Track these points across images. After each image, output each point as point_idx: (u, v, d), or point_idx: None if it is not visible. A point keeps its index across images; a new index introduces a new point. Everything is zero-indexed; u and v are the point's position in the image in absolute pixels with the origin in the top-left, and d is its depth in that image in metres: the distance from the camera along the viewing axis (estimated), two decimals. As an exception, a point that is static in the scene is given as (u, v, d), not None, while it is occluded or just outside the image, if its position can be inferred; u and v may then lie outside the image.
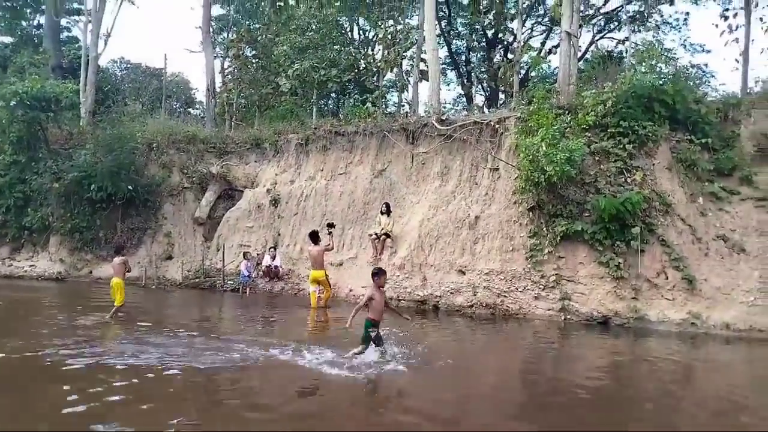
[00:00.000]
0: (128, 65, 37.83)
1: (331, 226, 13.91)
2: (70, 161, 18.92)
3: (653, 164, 12.64)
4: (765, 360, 9.60)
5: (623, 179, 12.54)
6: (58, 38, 28.38)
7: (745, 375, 8.63)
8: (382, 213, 15.03)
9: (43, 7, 28.47)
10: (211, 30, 25.46)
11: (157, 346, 8.32)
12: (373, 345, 7.74)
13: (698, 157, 12.56)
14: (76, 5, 31.31)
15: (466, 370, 7.94)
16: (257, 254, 16.81)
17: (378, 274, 7.93)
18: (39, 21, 31.67)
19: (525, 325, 11.63)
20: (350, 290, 14.54)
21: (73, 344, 8.30)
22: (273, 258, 16.20)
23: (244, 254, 16.35)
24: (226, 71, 28.90)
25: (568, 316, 11.87)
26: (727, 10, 17.90)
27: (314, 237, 13.45)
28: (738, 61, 16.08)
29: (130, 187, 17.98)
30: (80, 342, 8.50)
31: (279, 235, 17.36)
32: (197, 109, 36.94)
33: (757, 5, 17.17)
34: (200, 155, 19.67)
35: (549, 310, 12.12)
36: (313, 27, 23.21)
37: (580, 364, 8.69)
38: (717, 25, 17.24)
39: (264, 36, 25.89)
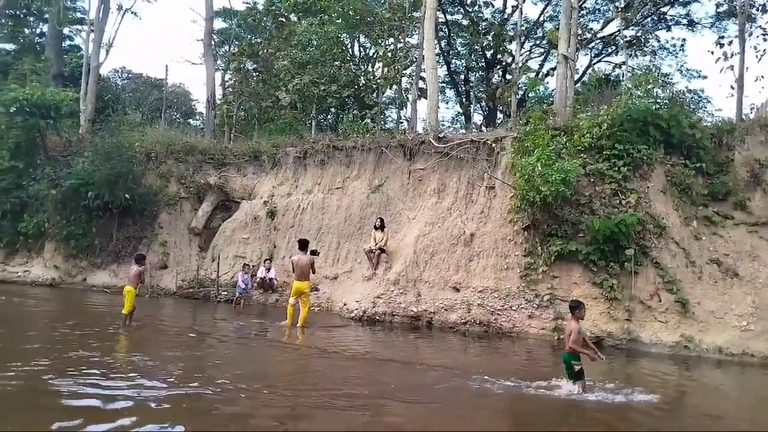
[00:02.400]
0: (129, 75, 38.07)
1: (314, 253, 12.97)
2: (68, 168, 18.93)
3: (648, 187, 12.77)
4: (753, 382, 9.64)
5: (618, 201, 12.66)
6: (60, 47, 28.56)
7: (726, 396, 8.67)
8: (376, 228, 15.09)
9: (47, 16, 28.65)
10: (212, 43, 25.68)
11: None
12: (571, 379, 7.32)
13: (692, 181, 12.70)
14: (79, 15, 31.54)
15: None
16: (252, 266, 16.80)
17: (578, 306, 7.50)
18: (42, 29, 31.86)
19: (519, 343, 11.66)
20: (344, 304, 14.54)
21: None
22: (268, 270, 16.21)
23: (244, 266, 16.33)
24: (227, 84, 29.05)
25: (562, 336, 11.87)
26: (722, 37, 18.17)
27: (304, 245, 12.45)
28: (733, 88, 16.28)
29: (127, 196, 17.96)
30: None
31: (275, 247, 17.37)
32: (197, 120, 37.11)
33: (751, 34, 17.49)
34: (198, 166, 19.72)
35: (542, 329, 12.15)
36: (314, 43, 23.40)
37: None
38: (713, 52, 17.48)
39: (265, 50, 26.08)
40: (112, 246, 18.60)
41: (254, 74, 26.77)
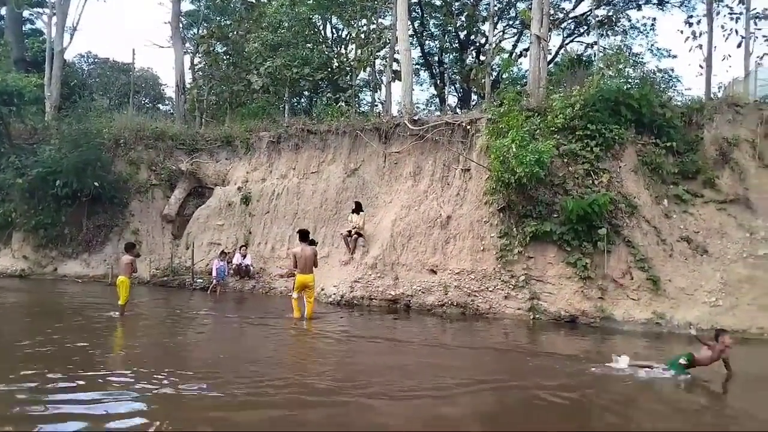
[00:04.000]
0: (95, 60, 37.03)
1: (313, 243, 12.46)
2: (34, 157, 18.43)
3: (619, 167, 12.93)
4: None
5: (591, 181, 12.80)
6: (21, 30, 27.57)
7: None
8: (352, 212, 15.04)
9: (5, -2, 27.63)
10: (180, 25, 25.07)
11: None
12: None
13: (663, 160, 12.89)
14: (39, -3, 30.45)
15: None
16: (228, 253, 16.63)
17: (722, 333, 7.56)
18: None
19: (495, 323, 11.77)
20: (322, 289, 14.46)
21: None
22: (244, 257, 16.06)
23: (221, 253, 16.14)
24: (197, 67, 28.49)
25: (537, 316, 12.06)
26: (691, 17, 18.43)
27: (305, 236, 11.75)
28: (702, 67, 16.55)
29: (96, 184, 17.58)
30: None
31: (250, 233, 17.21)
32: (167, 105, 36.36)
33: (719, 14, 17.73)
34: (169, 152, 19.37)
35: (518, 309, 12.29)
36: (285, 24, 23.03)
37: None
38: (682, 32, 17.71)
39: (235, 33, 25.62)
40: (83, 235, 18.24)
41: (224, 57, 26.35)
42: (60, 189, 17.40)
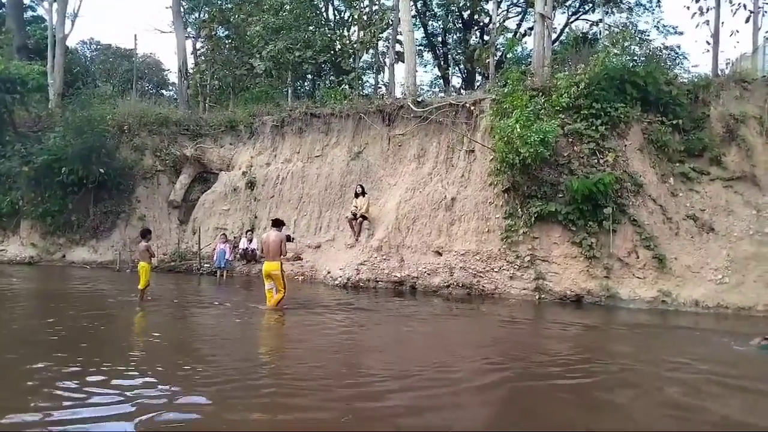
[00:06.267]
0: (98, 46, 36.99)
1: (289, 239, 11.93)
2: (39, 144, 18.50)
3: (625, 145, 12.85)
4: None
5: (596, 160, 12.73)
6: (22, 17, 27.41)
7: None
8: (356, 195, 15.04)
9: (5, -16, 27.52)
10: (181, 10, 24.95)
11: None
12: None
13: (669, 138, 12.79)
14: (40, -17, 30.28)
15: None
16: (234, 237, 16.70)
17: None
18: (0, -1, 30.60)
19: (501, 303, 11.82)
20: (328, 272, 14.57)
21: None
22: (250, 241, 16.12)
23: (222, 235, 16.17)
24: (199, 52, 28.37)
25: (543, 295, 12.09)
26: (698, -8, 18.06)
27: (277, 224, 10.83)
28: (709, 43, 16.28)
29: (101, 170, 17.65)
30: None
31: (255, 218, 17.27)
32: (170, 90, 36.34)
33: (727, -12, 17.38)
34: (173, 138, 19.39)
35: (524, 289, 12.32)
36: (287, 7, 22.82)
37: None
38: (688, 7, 17.39)
39: (237, 16, 25.39)
40: (90, 221, 18.35)
41: (226, 41, 26.17)
42: (66, 176, 17.49)
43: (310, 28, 23.09)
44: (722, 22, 16.10)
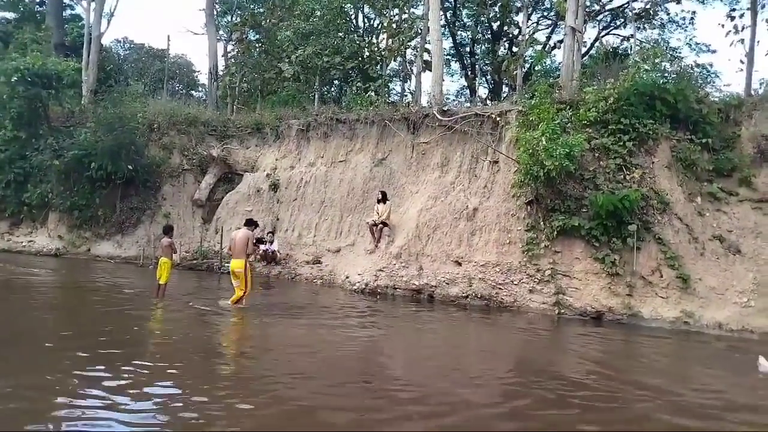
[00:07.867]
0: (131, 45, 37.73)
1: (260, 241, 11.62)
2: (71, 139, 18.95)
3: (653, 162, 12.67)
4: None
5: (622, 176, 12.57)
6: (61, 16, 28.16)
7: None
8: (378, 201, 15.07)
9: (47, -17, 28.25)
10: (214, 13, 25.36)
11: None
12: None
13: (698, 156, 12.58)
14: (80, -18, 31.03)
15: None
16: (256, 238, 16.83)
17: None
18: (42, -2, 31.42)
19: (520, 317, 11.71)
20: (347, 277, 14.60)
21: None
22: (271, 242, 16.25)
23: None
24: (229, 55, 28.79)
25: (562, 311, 11.95)
26: (733, 10, 17.84)
27: (250, 224, 11.08)
28: (743, 62, 16.05)
29: (130, 167, 18.01)
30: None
31: (278, 219, 17.41)
32: (199, 91, 36.88)
33: (764, 6, 17.14)
34: (201, 138, 19.70)
35: (543, 303, 12.19)
36: (318, 13, 23.08)
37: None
38: (723, 26, 17.18)
39: (268, 20, 25.75)
40: (116, 217, 18.69)
41: (257, 45, 26.49)
42: (95, 171, 17.89)
43: (340, 34, 23.29)
44: (758, 41, 15.87)
